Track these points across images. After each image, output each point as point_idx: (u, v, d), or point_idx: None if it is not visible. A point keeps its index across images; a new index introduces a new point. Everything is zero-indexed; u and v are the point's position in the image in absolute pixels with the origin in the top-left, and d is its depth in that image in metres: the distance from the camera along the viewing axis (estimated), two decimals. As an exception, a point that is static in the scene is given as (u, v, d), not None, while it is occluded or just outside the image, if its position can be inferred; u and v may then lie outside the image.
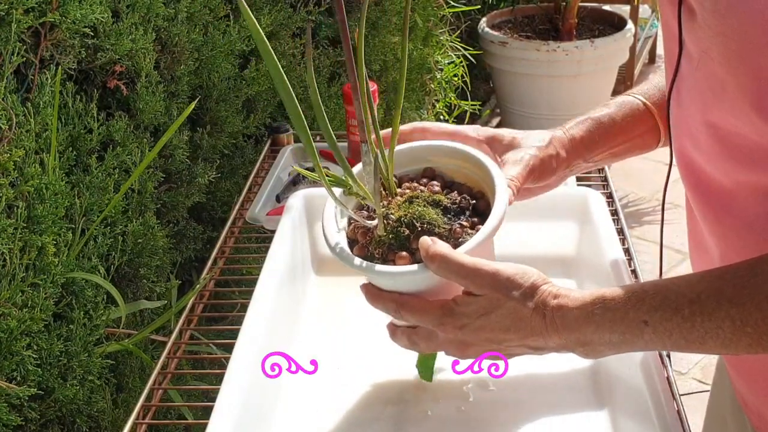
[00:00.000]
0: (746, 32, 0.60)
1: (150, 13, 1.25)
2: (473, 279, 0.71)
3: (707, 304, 0.64)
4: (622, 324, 0.67)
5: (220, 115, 1.47)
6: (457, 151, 0.82)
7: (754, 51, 0.60)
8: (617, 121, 0.89)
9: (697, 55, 0.68)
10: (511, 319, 0.71)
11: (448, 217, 0.77)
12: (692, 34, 0.67)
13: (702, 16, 0.64)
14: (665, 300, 0.66)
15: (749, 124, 0.64)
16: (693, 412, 0.87)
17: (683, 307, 0.65)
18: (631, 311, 0.67)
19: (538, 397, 0.86)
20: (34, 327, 1.00)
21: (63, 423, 1.10)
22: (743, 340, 0.63)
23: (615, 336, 0.68)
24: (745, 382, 0.81)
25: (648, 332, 0.66)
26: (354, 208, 0.81)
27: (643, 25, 4.09)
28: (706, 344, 0.65)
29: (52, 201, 1.04)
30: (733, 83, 0.63)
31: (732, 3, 0.60)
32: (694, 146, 0.74)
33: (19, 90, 1.04)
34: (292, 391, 0.88)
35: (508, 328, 0.71)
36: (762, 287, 0.62)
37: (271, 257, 0.97)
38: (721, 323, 0.63)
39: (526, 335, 0.71)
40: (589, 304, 0.69)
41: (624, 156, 0.92)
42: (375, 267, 0.74)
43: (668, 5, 0.71)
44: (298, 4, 1.75)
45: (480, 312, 0.72)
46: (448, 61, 2.71)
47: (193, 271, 1.50)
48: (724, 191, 0.71)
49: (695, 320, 0.64)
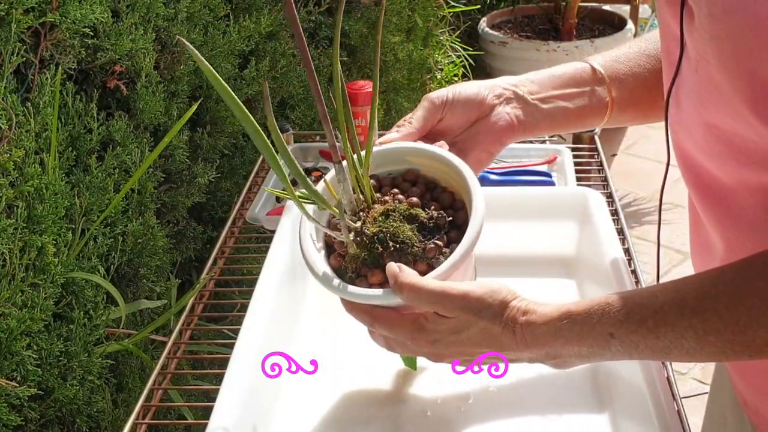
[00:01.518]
0: (740, 35, 0.60)
1: (150, 13, 1.25)
2: (443, 304, 0.72)
3: (670, 315, 0.65)
4: (589, 337, 0.68)
5: (220, 115, 1.47)
6: (437, 156, 0.80)
7: (748, 54, 0.60)
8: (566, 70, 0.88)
9: (695, 58, 0.68)
10: (482, 336, 0.72)
11: (423, 233, 0.76)
12: (690, 37, 0.67)
13: (699, 19, 0.64)
14: (630, 313, 0.67)
15: (747, 125, 0.64)
16: (693, 412, 0.87)
17: (647, 318, 0.66)
18: (597, 325, 0.68)
19: (538, 398, 0.86)
20: (34, 327, 1.00)
21: (63, 423, 1.10)
22: (706, 348, 0.64)
23: (584, 349, 0.69)
24: (745, 381, 0.81)
25: (615, 344, 0.67)
26: (330, 216, 0.80)
27: (643, 25, 4.08)
28: (672, 353, 0.66)
29: (52, 201, 1.04)
30: (729, 86, 0.63)
31: (727, 6, 0.60)
32: (694, 146, 0.74)
33: (19, 90, 1.04)
34: (292, 391, 0.88)
35: (479, 343, 0.72)
36: (721, 297, 0.63)
37: (271, 257, 0.97)
38: (684, 333, 0.64)
39: (498, 350, 0.72)
40: (556, 320, 0.70)
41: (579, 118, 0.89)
42: (348, 289, 0.74)
43: (667, 6, 0.71)
44: (298, 4, 1.75)
45: (451, 331, 0.73)
46: (448, 61, 2.71)
47: (193, 271, 1.50)
48: (725, 189, 0.71)
49: (659, 331, 0.65)
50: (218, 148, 1.50)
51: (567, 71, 0.89)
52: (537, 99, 0.87)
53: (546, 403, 0.85)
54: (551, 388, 0.87)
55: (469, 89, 0.86)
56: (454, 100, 0.85)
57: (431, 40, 2.53)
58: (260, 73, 1.55)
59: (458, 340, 0.73)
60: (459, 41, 2.86)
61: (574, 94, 0.88)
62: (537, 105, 0.87)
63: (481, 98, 0.86)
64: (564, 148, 1.36)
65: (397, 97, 2.20)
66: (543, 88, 0.88)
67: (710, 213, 0.75)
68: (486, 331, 0.72)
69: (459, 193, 0.79)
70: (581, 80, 0.88)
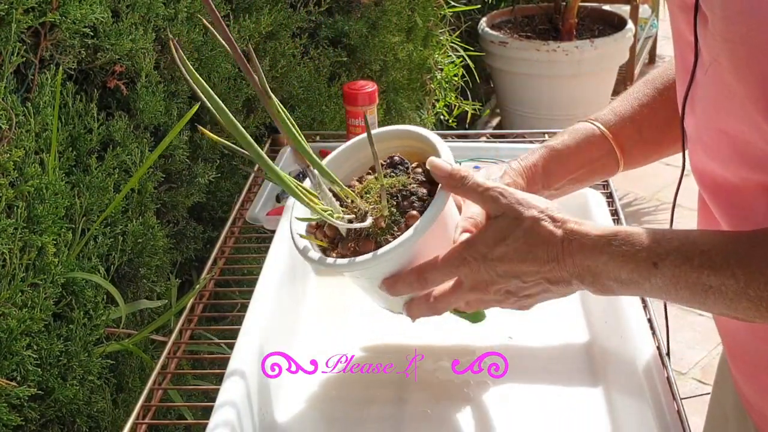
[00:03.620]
0: (754, 38, 0.60)
1: (150, 13, 1.25)
2: (495, 198, 0.73)
3: (716, 259, 0.65)
4: (632, 261, 0.68)
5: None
6: (405, 134, 0.83)
7: (761, 57, 0.60)
8: (571, 147, 0.89)
9: (708, 62, 0.68)
10: (528, 243, 0.72)
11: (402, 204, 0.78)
12: (703, 41, 0.67)
13: (713, 22, 0.64)
14: (679, 247, 0.67)
15: (758, 130, 0.64)
16: (693, 412, 0.87)
17: (694, 256, 0.66)
18: (644, 250, 0.68)
19: (537, 399, 0.86)
20: (34, 327, 1.00)
21: (63, 423, 1.10)
22: (743, 302, 0.64)
23: (624, 273, 0.69)
24: (748, 381, 0.81)
25: (656, 275, 0.67)
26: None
27: (643, 25, 4.09)
28: (708, 300, 0.66)
29: (52, 201, 1.04)
30: (742, 90, 0.63)
31: (741, 9, 0.60)
32: (704, 152, 0.74)
33: (19, 90, 1.04)
34: (292, 391, 0.88)
35: (525, 256, 0.72)
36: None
37: (271, 257, 0.97)
38: (726, 280, 0.64)
39: (543, 262, 0.72)
40: (607, 234, 0.70)
41: (587, 181, 0.92)
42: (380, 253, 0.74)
43: (681, 13, 0.71)
44: (298, 4, 1.75)
45: (497, 237, 0.73)
46: (448, 61, 2.71)
47: (193, 271, 1.50)
48: (736, 191, 0.72)
49: (702, 272, 0.65)
50: (218, 148, 1.50)
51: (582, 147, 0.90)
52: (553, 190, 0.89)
53: (546, 404, 0.85)
54: (551, 389, 0.87)
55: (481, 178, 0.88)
56: None
57: (431, 40, 2.53)
58: (260, 73, 1.55)
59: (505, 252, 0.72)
60: (459, 41, 2.85)
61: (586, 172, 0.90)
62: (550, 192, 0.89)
63: None
64: (564, 148, 1.35)
65: (397, 97, 2.20)
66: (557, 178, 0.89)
67: (722, 214, 0.75)
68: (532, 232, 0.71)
69: None
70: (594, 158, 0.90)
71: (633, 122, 0.89)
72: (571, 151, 0.89)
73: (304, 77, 1.74)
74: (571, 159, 0.89)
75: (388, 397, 0.86)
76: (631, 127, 0.90)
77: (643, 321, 0.87)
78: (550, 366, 0.90)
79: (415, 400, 0.86)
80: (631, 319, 0.87)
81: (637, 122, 0.89)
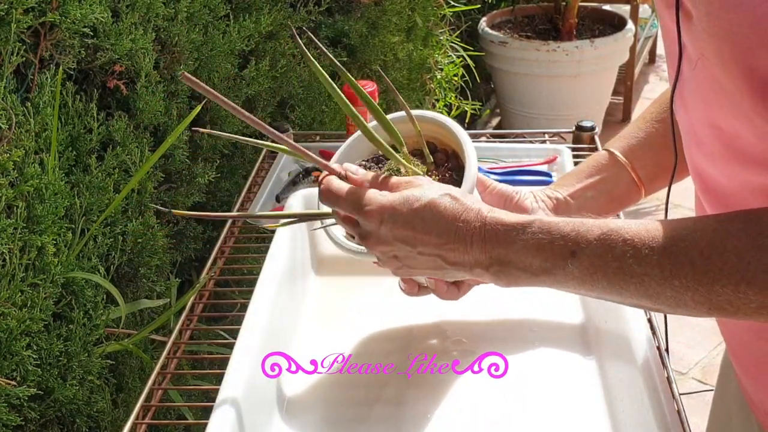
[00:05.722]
0: (738, 33, 0.60)
1: (150, 13, 1.25)
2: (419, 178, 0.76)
3: (642, 248, 0.63)
4: (548, 249, 0.67)
5: (220, 115, 1.47)
6: (428, 119, 0.87)
7: (746, 51, 0.60)
8: (587, 162, 0.91)
9: (695, 57, 0.68)
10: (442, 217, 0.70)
11: None
12: (689, 36, 0.68)
13: (697, 18, 0.64)
14: (601, 235, 0.65)
15: (748, 124, 0.64)
16: (693, 412, 0.87)
17: (616, 245, 0.64)
18: (561, 239, 0.66)
19: (538, 403, 0.86)
20: (34, 327, 1.00)
21: (63, 423, 1.10)
22: (667, 292, 0.62)
23: (537, 261, 0.67)
24: (751, 379, 0.81)
25: (573, 264, 0.65)
26: None
27: (643, 25, 4.09)
28: (628, 290, 0.64)
29: (52, 201, 1.04)
30: (730, 84, 0.63)
31: (724, 4, 0.60)
32: (698, 148, 0.74)
33: (19, 90, 1.04)
34: (292, 391, 0.88)
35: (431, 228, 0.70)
36: (699, 243, 0.61)
37: (271, 257, 0.97)
38: (650, 270, 0.63)
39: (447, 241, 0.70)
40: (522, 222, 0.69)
41: (610, 202, 0.92)
42: None
43: (666, 9, 0.71)
44: (298, 4, 1.75)
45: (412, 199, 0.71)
46: (448, 61, 2.71)
47: (193, 270, 1.50)
48: (728, 192, 0.72)
49: (625, 261, 0.63)
50: (218, 148, 1.50)
51: (588, 162, 0.92)
52: (567, 196, 0.89)
53: (547, 409, 0.85)
54: (552, 391, 0.87)
55: (506, 187, 0.89)
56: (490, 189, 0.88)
57: (431, 40, 2.53)
58: (260, 72, 1.55)
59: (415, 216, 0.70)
60: (459, 41, 2.85)
61: (597, 182, 0.90)
62: (568, 200, 0.89)
63: (511, 195, 0.88)
64: (564, 147, 1.36)
65: (397, 97, 2.20)
66: (568, 184, 0.90)
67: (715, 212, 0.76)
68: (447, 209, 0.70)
69: (451, 148, 0.86)
70: (600, 167, 0.90)
71: (645, 143, 0.91)
72: (582, 165, 0.93)
73: (304, 77, 1.74)
74: (582, 171, 0.92)
75: (389, 397, 0.86)
76: (642, 147, 0.91)
77: (642, 321, 0.87)
78: (550, 367, 0.90)
79: (415, 400, 0.86)
80: (630, 319, 0.87)
81: (650, 145, 0.91)
